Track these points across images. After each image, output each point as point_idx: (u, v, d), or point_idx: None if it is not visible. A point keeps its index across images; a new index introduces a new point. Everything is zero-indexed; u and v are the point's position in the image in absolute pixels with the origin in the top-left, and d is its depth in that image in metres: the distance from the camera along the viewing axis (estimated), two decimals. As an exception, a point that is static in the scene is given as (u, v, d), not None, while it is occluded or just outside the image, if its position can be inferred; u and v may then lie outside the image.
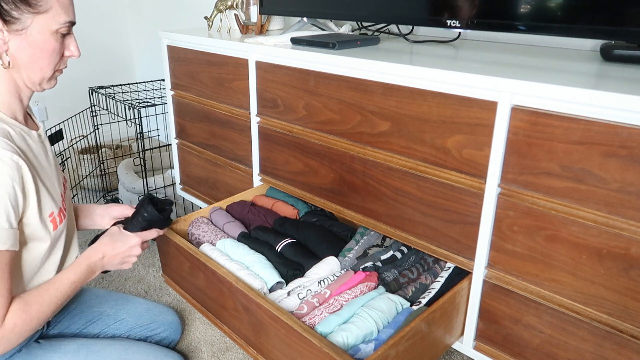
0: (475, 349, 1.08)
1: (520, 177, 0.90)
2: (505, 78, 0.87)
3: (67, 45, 0.91)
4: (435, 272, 1.13)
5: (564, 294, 0.90)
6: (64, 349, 1.02)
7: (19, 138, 0.89)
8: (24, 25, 0.83)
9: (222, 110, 1.56)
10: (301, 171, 1.35)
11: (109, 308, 1.18)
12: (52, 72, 0.91)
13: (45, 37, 0.86)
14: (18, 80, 0.90)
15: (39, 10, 0.83)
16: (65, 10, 0.87)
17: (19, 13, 0.82)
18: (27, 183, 0.85)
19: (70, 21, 0.88)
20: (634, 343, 0.84)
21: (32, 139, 0.93)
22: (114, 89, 2.16)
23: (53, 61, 0.89)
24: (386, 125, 1.09)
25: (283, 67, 1.29)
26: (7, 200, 0.81)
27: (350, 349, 0.90)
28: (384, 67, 1.05)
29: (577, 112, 0.81)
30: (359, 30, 1.59)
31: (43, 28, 0.85)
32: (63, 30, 0.88)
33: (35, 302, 0.88)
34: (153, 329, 1.20)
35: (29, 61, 0.87)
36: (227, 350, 1.28)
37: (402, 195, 1.11)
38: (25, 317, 0.86)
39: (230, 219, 1.33)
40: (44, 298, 0.90)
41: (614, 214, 0.81)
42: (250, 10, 1.59)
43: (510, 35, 1.38)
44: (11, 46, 0.84)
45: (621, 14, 0.92)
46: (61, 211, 0.95)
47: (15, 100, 0.91)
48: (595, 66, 1.01)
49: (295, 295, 1.04)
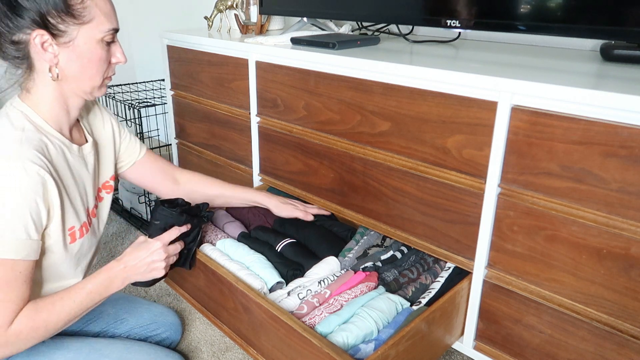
0: (475, 349, 1.08)
1: (520, 177, 0.90)
2: (505, 78, 0.87)
3: (113, 52, 0.92)
4: (435, 272, 1.13)
5: (564, 294, 0.90)
6: (67, 347, 1.02)
7: (56, 151, 0.90)
8: (71, 37, 0.85)
9: (222, 110, 1.56)
10: (301, 171, 1.35)
11: (109, 307, 1.19)
12: (102, 80, 0.92)
13: (91, 47, 0.87)
14: (67, 91, 0.91)
15: (83, 20, 0.84)
16: (107, 18, 0.88)
17: (65, 26, 0.83)
18: (52, 197, 0.86)
19: (114, 28, 0.89)
20: (633, 343, 0.84)
21: (72, 153, 0.95)
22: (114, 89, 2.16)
23: (101, 69, 0.90)
24: (386, 125, 1.09)
25: (283, 67, 1.29)
26: (27, 212, 0.82)
27: (350, 349, 0.90)
28: (384, 67, 1.05)
29: (577, 112, 0.81)
30: (359, 30, 1.59)
31: (89, 38, 0.86)
32: (108, 38, 0.89)
33: (45, 309, 0.88)
34: (153, 330, 1.20)
35: (78, 72, 0.88)
36: (227, 350, 1.28)
37: (402, 195, 1.11)
38: (32, 325, 0.86)
39: (230, 219, 1.33)
40: (55, 306, 0.89)
41: (614, 214, 0.81)
42: (250, 10, 1.59)
43: (510, 35, 1.38)
44: (60, 59, 0.86)
45: (621, 14, 0.92)
46: (84, 225, 0.97)
47: (62, 113, 0.92)
48: (595, 66, 1.01)
49: (295, 295, 1.04)
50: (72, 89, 0.91)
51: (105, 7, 0.87)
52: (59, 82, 0.89)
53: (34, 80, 0.89)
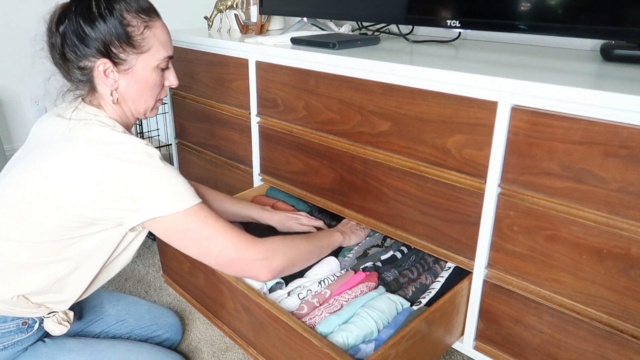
0: (475, 349, 1.08)
1: (521, 177, 0.90)
2: (505, 78, 0.87)
3: (166, 76, 0.99)
4: (436, 272, 1.13)
5: (564, 294, 0.90)
6: (69, 348, 1.03)
7: None
8: (130, 65, 0.92)
9: (222, 110, 1.56)
10: (301, 171, 1.34)
11: (110, 308, 1.19)
12: (154, 102, 0.99)
13: (148, 73, 0.94)
14: (126, 111, 0.98)
15: (142, 50, 0.91)
16: (163, 46, 0.94)
17: (126, 55, 0.90)
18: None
19: (169, 56, 0.96)
20: (634, 343, 0.84)
21: None
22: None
23: (155, 93, 0.98)
24: (386, 125, 1.09)
25: (283, 67, 1.29)
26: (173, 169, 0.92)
27: (351, 349, 0.90)
28: (384, 67, 1.05)
29: (577, 112, 0.81)
30: (359, 30, 1.59)
31: (146, 65, 0.93)
32: (163, 65, 0.96)
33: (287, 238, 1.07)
34: (154, 331, 1.20)
35: (135, 95, 0.95)
36: (227, 350, 1.28)
37: (403, 195, 1.11)
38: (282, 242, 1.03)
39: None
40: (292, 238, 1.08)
41: (614, 214, 0.81)
42: (250, 10, 1.59)
43: (510, 35, 1.38)
44: (120, 84, 0.93)
45: (621, 14, 0.92)
46: None
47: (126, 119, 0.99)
48: (595, 66, 1.01)
49: (295, 296, 1.04)
50: (129, 109, 0.98)
51: (162, 37, 0.94)
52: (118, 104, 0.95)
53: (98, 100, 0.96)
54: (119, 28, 0.88)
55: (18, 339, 0.98)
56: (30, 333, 0.99)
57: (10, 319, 0.96)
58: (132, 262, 1.67)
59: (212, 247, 0.94)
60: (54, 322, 0.99)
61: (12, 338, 0.97)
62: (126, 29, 0.89)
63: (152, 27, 0.92)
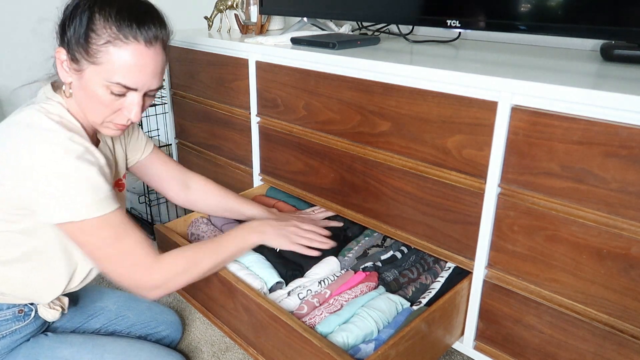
0: (475, 349, 1.08)
1: (521, 177, 0.90)
2: (505, 78, 0.87)
3: (125, 105, 0.87)
4: (436, 272, 1.13)
5: (564, 294, 0.90)
6: (71, 341, 1.04)
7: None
8: (81, 68, 0.84)
9: (222, 110, 1.56)
10: (301, 171, 1.35)
11: (111, 304, 1.20)
12: (102, 121, 0.89)
13: (94, 87, 0.84)
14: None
15: (94, 60, 0.82)
16: (120, 71, 0.83)
17: (80, 56, 0.83)
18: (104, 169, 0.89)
19: (124, 85, 0.84)
20: (634, 343, 0.84)
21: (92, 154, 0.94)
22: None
23: (103, 112, 0.87)
24: (386, 125, 1.09)
25: (283, 67, 1.29)
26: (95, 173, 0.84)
27: (351, 349, 0.90)
28: (384, 67, 1.05)
29: (577, 112, 0.81)
30: (359, 30, 1.59)
31: (94, 78, 0.84)
32: (115, 90, 0.84)
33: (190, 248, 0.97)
34: (154, 327, 1.20)
35: (81, 101, 0.88)
36: (227, 350, 1.28)
37: (403, 195, 1.11)
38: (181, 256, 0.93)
39: (229, 220, 1.33)
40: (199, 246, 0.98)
41: (614, 214, 0.81)
42: (250, 10, 1.59)
43: (510, 35, 1.38)
44: (73, 82, 0.87)
45: (621, 14, 0.92)
46: None
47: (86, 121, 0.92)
48: (595, 66, 1.01)
49: (295, 295, 1.04)
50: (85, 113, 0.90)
51: (123, 62, 0.82)
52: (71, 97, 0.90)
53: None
54: (84, 26, 0.82)
55: (15, 327, 0.98)
56: (28, 321, 0.99)
57: (6, 306, 0.96)
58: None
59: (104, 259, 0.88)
60: (45, 307, 0.99)
61: (10, 326, 0.97)
62: (89, 32, 0.81)
63: (117, 46, 0.81)
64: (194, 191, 1.22)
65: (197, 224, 1.31)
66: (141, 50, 0.83)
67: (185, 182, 1.22)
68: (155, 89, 0.89)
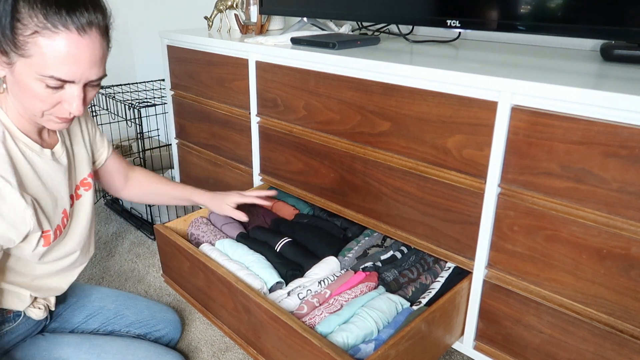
0: (475, 349, 1.08)
1: (521, 177, 0.90)
2: (505, 78, 0.87)
3: (65, 97, 0.80)
4: (435, 272, 1.13)
5: (564, 294, 0.90)
6: (67, 342, 1.04)
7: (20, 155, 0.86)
8: (11, 61, 0.77)
9: (222, 110, 1.56)
10: (301, 171, 1.35)
11: (109, 303, 1.19)
12: (42, 115, 0.82)
13: (27, 81, 0.77)
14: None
15: (22, 53, 0.75)
16: (52, 64, 0.75)
17: (8, 48, 0.76)
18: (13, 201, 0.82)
19: (58, 78, 0.76)
20: (634, 343, 0.84)
21: (42, 157, 0.90)
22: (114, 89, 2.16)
23: (39, 106, 0.80)
24: (386, 125, 1.09)
25: (283, 67, 1.29)
26: None
27: (351, 349, 0.90)
28: (384, 67, 1.05)
29: (577, 112, 0.81)
30: (359, 30, 1.59)
31: (26, 71, 0.77)
32: (49, 83, 0.77)
33: None
34: (153, 326, 1.20)
35: (17, 95, 0.81)
36: (227, 350, 1.28)
37: (403, 195, 1.11)
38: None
39: (229, 220, 1.33)
40: None
41: (614, 214, 0.81)
42: (250, 10, 1.59)
43: (510, 35, 1.38)
44: (6, 74, 0.80)
45: (621, 14, 0.92)
46: (58, 228, 0.93)
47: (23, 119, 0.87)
48: (595, 66, 1.01)
49: (295, 295, 1.04)
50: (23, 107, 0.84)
51: (58, 53, 0.75)
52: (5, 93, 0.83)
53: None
54: (8, 16, 0.73)
55: (7, 328, 0.98)
56: (19, 321, 0.99)
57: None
58: (131, 262, 1.68)
59: None
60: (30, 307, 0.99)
61: (1, 328, 0.97)
62: (14, 22, 0.73)
63: (47, 36, 0.73)
64: (133, 180, 1.23)
65: (196, 224, 1.31)
66: (74, 39, 0.75)
67: (127, 174, 1.22)
68: (97, 79, 0.82)
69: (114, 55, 1.01)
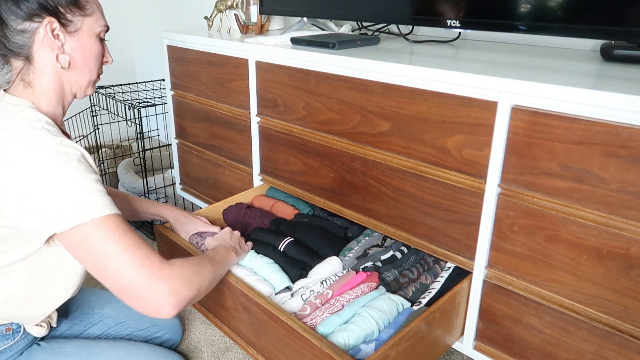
0: (475, 349, 1.08)
1: (521, 177, 0.90)
2: (505, 78, 0.87)
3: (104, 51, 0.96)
4: (436, 272, 1.13)
5: (564, 294, 0.90)
6: (65, 352, 1.02)
7: None
8: (77, 27, 0.87)
9: (222, 110, 1.56)
10: (301, 171, 1.35)
11: (110, 310, 1.18)
12: (97, 76, 0.95)
13: (92, 39, 0.90)
14: (66, 86, 0.90)
15: (86, 12, 0.88)
16: (102, 14, 0.93)
17: (72, 15, 0.86)
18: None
19: (107, 25, 0.93)
20: (634, 343, 0.84)
21: None
22: (114, 89, 2.16)
23: (98, 63, 0.94)
24: (386, 125, 1.09)
25: (283, 67, 1.29)
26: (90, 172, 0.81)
27: (351, 349, 0.90)
28: (384, 67, 1.05)
29: (577, 112, 0.81)
30: (359, 30, 1.59)
31: (90, 30, 0.89)
32: (102, 35, 0.93)
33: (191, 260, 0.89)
34: (154, 332, 1.20)
35: (80, 63, 0.90)
36: (227, 350, 1.28)
37: (403, 195, 1.11)
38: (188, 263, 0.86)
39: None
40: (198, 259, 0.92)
41: (614, 214, 0.81)
42: (250, 10, 1.59)
43: (510, 35, 1.38)
44: (66, 48, 0.87)
45: (621, 14, 0.92)
46: None
47: (59, 108, 0.91)
48: (595, 66, 1.01)
49: (298, 297, 1.04)
50: (71, 83, 0.90)
51: (99, 5, 0.92)
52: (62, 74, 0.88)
53: (33, 74, 0.86)
54: None
55: (5, 346, 0.96)
56: (17, 338, 0.97)
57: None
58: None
59: (107, 266, 0.78)
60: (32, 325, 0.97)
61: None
62: None
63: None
64: None
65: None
66: None
67: None
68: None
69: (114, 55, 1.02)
